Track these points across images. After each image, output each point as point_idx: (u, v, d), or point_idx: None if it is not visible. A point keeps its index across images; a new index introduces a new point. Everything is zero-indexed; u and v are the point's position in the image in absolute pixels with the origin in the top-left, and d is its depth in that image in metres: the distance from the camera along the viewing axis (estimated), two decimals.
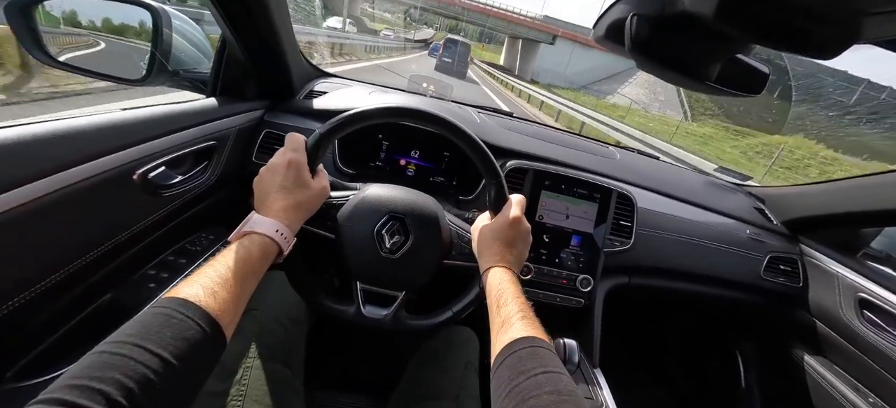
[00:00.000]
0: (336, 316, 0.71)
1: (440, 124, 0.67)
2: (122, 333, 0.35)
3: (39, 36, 0.71)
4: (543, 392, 0.40)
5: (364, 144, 1.08)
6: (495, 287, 0.57)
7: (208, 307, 0.40)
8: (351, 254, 0.69)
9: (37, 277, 0.55)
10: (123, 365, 0.32)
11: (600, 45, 0.58)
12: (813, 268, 1.23)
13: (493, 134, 1.15)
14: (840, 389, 1.08)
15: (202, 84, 0.94)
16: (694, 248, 1.16)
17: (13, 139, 0.50)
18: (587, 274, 1.02)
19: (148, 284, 0.76)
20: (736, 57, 0.49)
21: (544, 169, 1.02)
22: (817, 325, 1.18)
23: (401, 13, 72.76)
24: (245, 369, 0.64)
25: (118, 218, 0.66)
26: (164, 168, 0.73)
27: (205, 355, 0.39)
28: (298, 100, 1.11)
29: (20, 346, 0.58)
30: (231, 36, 0.86)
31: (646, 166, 1.42)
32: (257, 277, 0.50)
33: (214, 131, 0.85)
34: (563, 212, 1.02)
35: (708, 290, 1.20)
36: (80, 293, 0.64)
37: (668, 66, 0.49)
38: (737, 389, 1.42)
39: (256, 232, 0.51)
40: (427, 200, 0.73)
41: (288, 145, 0.61)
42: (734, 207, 1.29)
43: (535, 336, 0.47)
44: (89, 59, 0.84)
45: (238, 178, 0.96)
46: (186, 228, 0.86)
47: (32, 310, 0.55)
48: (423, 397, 0.72)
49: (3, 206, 0.47)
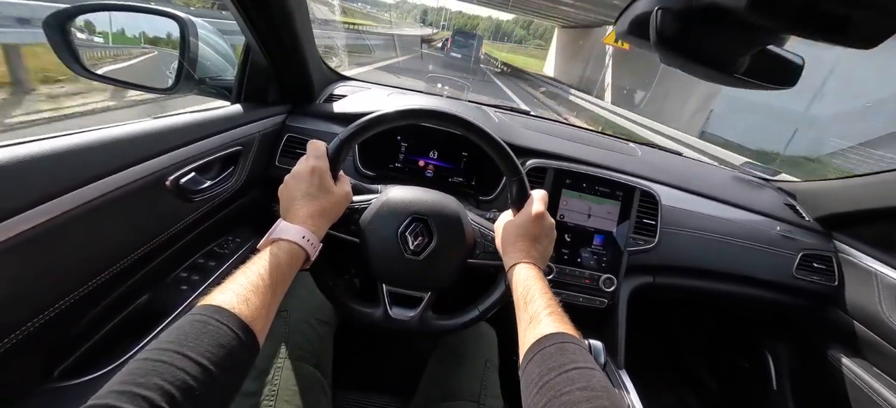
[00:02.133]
0: (363, 318, 0.72)
1: (459, 124, 0.67)
2: (163, 340, 0.37)
3: (75, 50, 0.75)
4: (575, 388, 0.39)
5: (383, 146, 1.09)
6: (522, 284, 0.56)
7: (242, 314, 0.41)
8: (376, 257, 0.70)
9: (82, 280, 0.57)
10: (165, 371, 0.33)
11: (624, 40, 0.58)
12: (849, 266, 1.18)
13: (512, 133, 1.14)
14: (881, 392, 1.03)
15: (227, 91, 0.97)
16: (721, 246, 1.12)
17: (61, 149, 0.52)
18: (610, 274, 1.00)
19: (180, 286, 0.79)
20: (766, 48, 0.48)
21: (565, 167, 1.01)
22: (855, 325, 1.12)
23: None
24: (276, 369, 0.65)
25: (152, 223, 0.69)
26: (194, 174, 0.75)
27: (240, 360, 0.40)
28: (318, 104, 1.13)
29: (66, 346, 0.61)
30: (255, 42, 0.88)
31: (669, 162, 1.39)
32: (286, 283, 0.51)
33: (239, 137, 0.87)
34: (585, 210, 1.01)
35: (737, 289, 1.16)
36: (119, 295, 0.66)
37: (695, 60, 0.48)
38: (767, 391, 1.37)
39: (284, 239, 0.52)
40: (449, 200, 0.73)
41: (310, 152, 0.62)
42: (763, 204, 1.25)
43: (565, 332, 0.47)
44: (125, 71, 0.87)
45: (262, 181, 0.98)
46: (215, 231, 0.88)
47: (77, 312, 0.58)
48: (445, 396, 0.73)
49: (53, 211, 0.50)
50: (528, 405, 0.42)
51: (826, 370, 1.19)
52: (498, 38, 72.86)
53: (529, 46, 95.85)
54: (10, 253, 0.46)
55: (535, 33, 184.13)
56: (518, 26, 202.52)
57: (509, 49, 75.81)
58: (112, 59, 0.85)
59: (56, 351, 0.59)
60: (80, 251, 0.56)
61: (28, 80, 3.23)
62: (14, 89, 3.17)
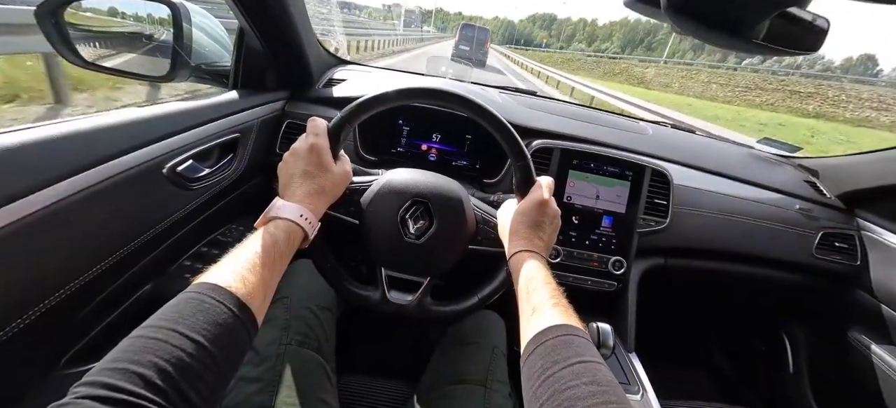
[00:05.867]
0: (361, 301, 0.71)
1: (461, 103, 0.64)
2: (157, 317, 0.36)
3: (68, 38, 0.74)
4: (581, 383, 0.37)
5: (385, 130, 1.07)
6: (524, 273, 0.54)
7: (238, 292, 0.40)
8: (375, 239, 0.68)
9: (84, 267, 0.57)
10: (159, 348, 0.32)
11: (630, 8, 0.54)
12: (873, 244, 1.13)
13: (517, 113, 1.11)
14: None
15: (223, 77, 0.95)
16: (736, 226, 1.08)
17: (55, 136, 0.52)
18: (620, 256, 0.98)
19: (184, 274, 0.79)
20: (787, 11, 0.44)
21: (572, 148, 0.98)
22: (882, 308, 1.08)
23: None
24: (278, 355, 0.65)
25: (152, 211, 0.69)
26: (191, 161, 0.74)
27: (237, 339, 0.39)
28: (318, 88, 1.11)
29: (71, 334, 0.62)
30: (248, 26, 0.86)
31: (681, 141, 1.34)
32: (284, 261, 0.50)
33: (238, 124, 0.86)
34: (593, 191, 0.97)
35: (752, 270, 1.13)
36: (123, 284, 0.67)
37: (708, 25, 0.44)
38: (784, 374, 1.34)
39: (281, 217, 0.52)
40: (451, 183, 0.71)
41: (310, 130, 0.61)
42: (781, 181, 1.20)
43: (569, 324, 0.45)
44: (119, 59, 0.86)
45: (263, 169, 0.97)
46: (217, 219, 0.88)
47: (81, 299, 0.59)
48: (452, 381, 0.72)
49: (49, 199, 0.50)
50: (530, 397, 0.41)
51: (847, 353, 1.15)
52: (512, 41, 59.89)
53: (563, 51, 64.91)
54: (10, 239, 0.46)
55: (560, 36, 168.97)
56: (535, 26, 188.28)
57: (562, 60, 41.89)
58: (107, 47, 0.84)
59: (61, 338, 0.60)
60: (80, 238, 0.56)
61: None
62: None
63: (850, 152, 1.26)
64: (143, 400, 0.29)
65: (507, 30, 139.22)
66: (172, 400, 0.31)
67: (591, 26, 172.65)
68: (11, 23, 2.78)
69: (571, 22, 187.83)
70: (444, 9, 59.57)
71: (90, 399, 0.28)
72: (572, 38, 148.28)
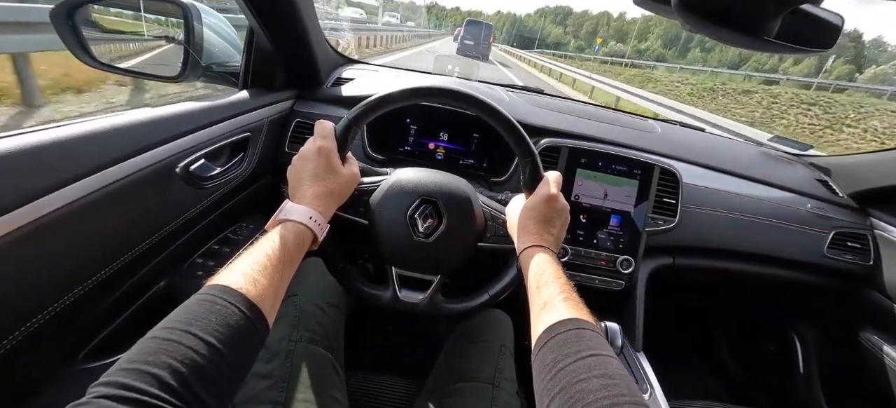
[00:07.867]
0: (372, 300, 0.72)
1: (469, 102, 0.64)
2: (171, 319, 0.37)
3: (83, 39, 0.75)
4: (593, 376, 0.38)
5: (392, 129, 1.07)
6: (534, 268, 0.55)
7: (249, 294, 0.41)
8: (385, 239, 0.69)
9: (100, 265, 0.58)
10: (173, 349, 0.33)
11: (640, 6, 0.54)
12: (886, 244, 1.11)
13: (524, 112, 1.11)
14: None
15: (233, 77, 0.96)
16: (746, 225, 1.07)
17: (74, 136, 0.53)
18: (628, 255, 0.97)
19: (197, 272, 0.80)
20: (799, 8, 0.43)
21: (580, 146, 0.97)
22: (895, 308, 1.06)
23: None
24: (288, 352, 0.66)
25: (165, 209, 0.70)
26: (203, 161, 0.75)
27: (248, 340, 0.40)
28: (326, 88, 1.12)
29: (90, 330, 0.63)
30: (257, 26, 0.87)
31: (691, 139, 1.33)
32: (294, 263, 0.51)
33: (247, 123, 0.87)
34: (601, 190, 0.97)
35: (762, 270, 1.12)
36: (137, 281, 0.68)
37: (720, 23, 0.44)
38: (793, 375, 1.32)
39: (291, 220, 0.52)
40: (459, 182, 0.71)
41: (317, 133, 0.61)
42: (793, 180, 1.19)
43: (580, 318, 0.45)
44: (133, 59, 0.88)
45: (273, 168, 0.98)
46: (228, 218, 0.89)
47: (98, 295, 0.60)
48: (459, 379, 0.72)
49: (68, 198, 0.51)
50: (542, 391, 0.41)
51: (858, 354, 1.14)
52: (519, 40, 50.79)
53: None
54: (28, 237, 0.47)
55: (577, 34, 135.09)
56: (547, 21, 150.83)
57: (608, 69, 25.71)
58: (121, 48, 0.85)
59: (80, 333, 0.61)
60: (98, 235, 0.57)
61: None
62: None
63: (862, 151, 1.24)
64: (158, 400, 0.30)
65: (513, 26, 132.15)
66: (186, 400, 0.32)
67: (619, 21, 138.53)
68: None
69: (591, 15, 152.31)
70: (438, 3, 57.40)
71: (107, 399, 0.29)
72: (594, 34, 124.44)
